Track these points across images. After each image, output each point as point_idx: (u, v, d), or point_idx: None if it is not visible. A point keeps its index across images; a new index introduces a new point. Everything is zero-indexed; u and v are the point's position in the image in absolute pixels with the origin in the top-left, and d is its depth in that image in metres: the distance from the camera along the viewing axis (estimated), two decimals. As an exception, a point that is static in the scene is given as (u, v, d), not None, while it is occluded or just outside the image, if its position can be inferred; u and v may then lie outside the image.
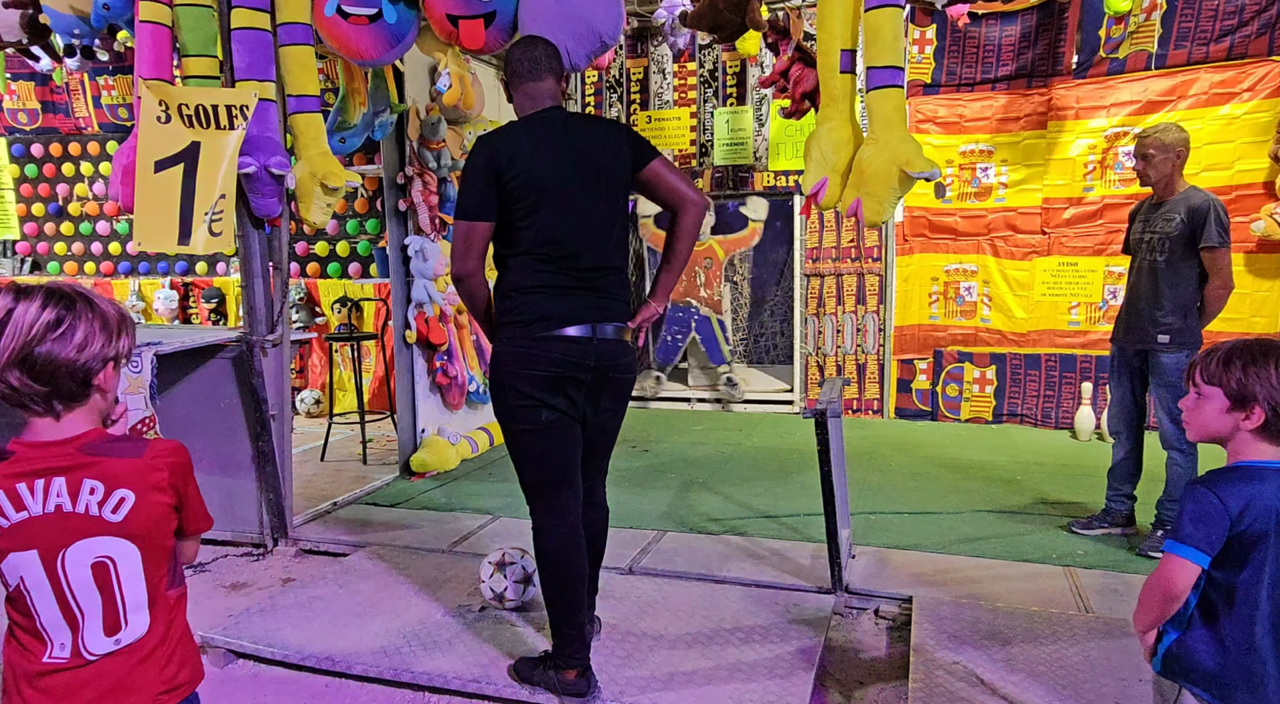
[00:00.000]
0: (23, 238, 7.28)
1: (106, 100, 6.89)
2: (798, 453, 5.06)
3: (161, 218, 3.19)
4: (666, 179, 2.32)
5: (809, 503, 3.94)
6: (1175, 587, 1.45)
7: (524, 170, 2.17)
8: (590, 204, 2.24)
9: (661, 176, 2.32)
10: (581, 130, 2.27)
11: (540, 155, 2.20)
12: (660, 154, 2.39)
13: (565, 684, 2.33)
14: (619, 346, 2.32)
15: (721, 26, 3.32)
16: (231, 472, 3.62)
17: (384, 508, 4.12)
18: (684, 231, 2.35)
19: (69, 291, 1.25)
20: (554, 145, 2.22)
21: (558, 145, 2.22)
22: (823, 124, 2.82)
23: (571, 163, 2.22)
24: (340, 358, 6.23)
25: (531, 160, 2.18)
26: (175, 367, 3.53)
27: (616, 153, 2.28)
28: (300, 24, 3.32)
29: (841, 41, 2.76)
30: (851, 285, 6.09)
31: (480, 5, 3.23)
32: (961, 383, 5.87)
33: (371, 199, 6.39)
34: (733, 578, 3.17)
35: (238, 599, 3.19)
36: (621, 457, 5.05)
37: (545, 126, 2.25)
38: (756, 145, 6.27)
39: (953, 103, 5.74)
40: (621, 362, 2.34)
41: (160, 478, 1.29)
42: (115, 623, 1.30)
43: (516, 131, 2.25)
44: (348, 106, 4.27)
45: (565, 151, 2.22)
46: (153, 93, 3.16)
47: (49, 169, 7.14)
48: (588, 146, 2.25)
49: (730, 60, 6.28)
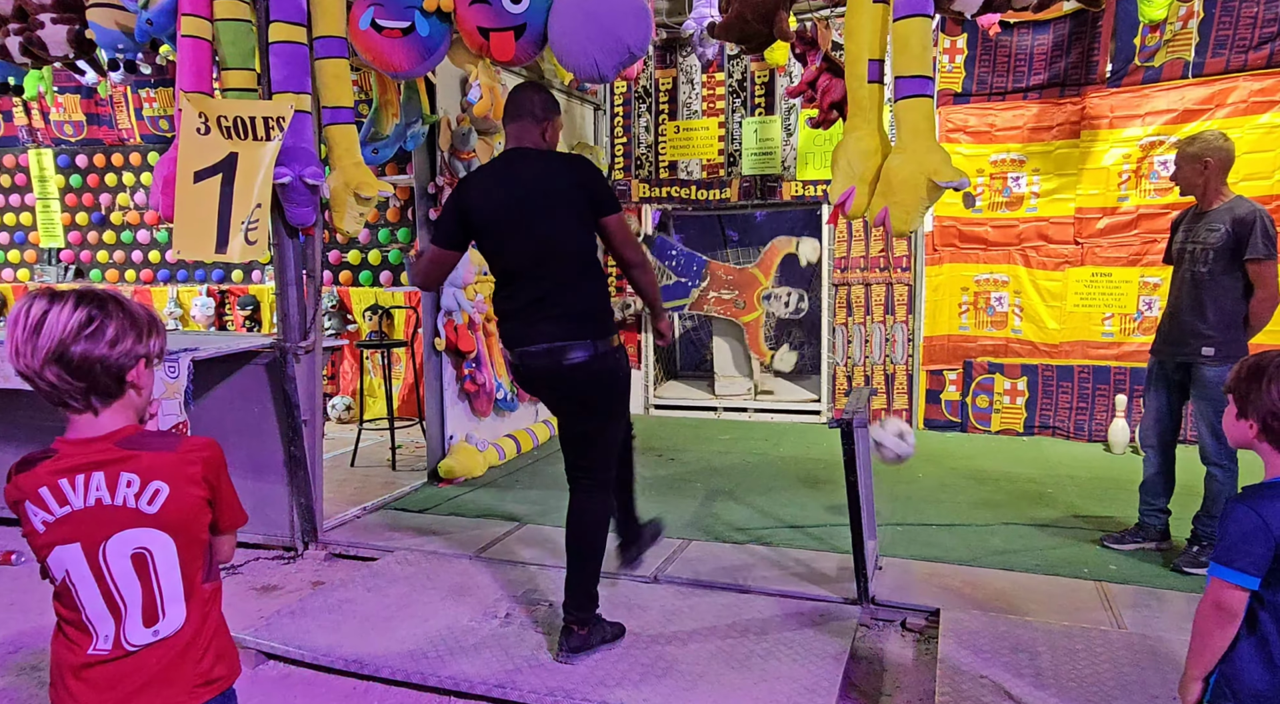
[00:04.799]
0: (67, 246, 7.48)
1: (148, 112, 7.06)
2: (824, 463, 5.03)
3: (200, 227, 3.27)
4: (613, 240, 2.60)
5: (835, 513, 3.91)
6: (1228, 613, 1.43)
7: (480, 209, 2.56)
8: (528, 235, 2.52)
9: (611, 236, 2.59)
10: (528, 168, 2.55)
11: (492, 195, 2.55)
12: (618, 210, 2.60)
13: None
14: (549, 360, 2.55)
15: (749, 37, 3.33)
16: (264, 476, 3.69)
17: (412, 513, 4.16)
18: (636, 285, 2.71)
19: (100, 293, 1.31)
20: (501, 185, 2.55)
21: (504, 185, 2.55)
22: (850, 133, 2.82)
23: (517, 200, 2.52)
24: (371, 365, 6.31)
25: (486, 200, 2.56)
26: (211, 372, 3.60)
27: (556, 183, 2.52)
28: (335, 37, 3.39)
29: (869, 51, 2.77)
30: (880, 295, 6.05)
31: (511, 18, 3.28)
32: (992, 394, 5.80)
33: (403, 208, 6.48)
34: (758, 588, 3.15)
35: (269, 601, 3.25)
36: (648, 465, 5.06)
37: (500, 167, 2.60)
38: (784, 155, 6.27)
39: (984, 112, 5.70)
40: (558, 371, 2.56)
41: (194, 471, 1.34)
42: (154, 614, 1.34)
43: (482, 172, 2.65)
44: (381, 118, 4.34)
45: (510, 190, 2.53)
46: (193, 105, 3.25)
47: (93, 179, 7.33)
48: (529, 182, 2.53)
49: (759, 70, 6.29)
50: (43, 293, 1.29)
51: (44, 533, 1.29)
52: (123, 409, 1.34)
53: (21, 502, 1.29)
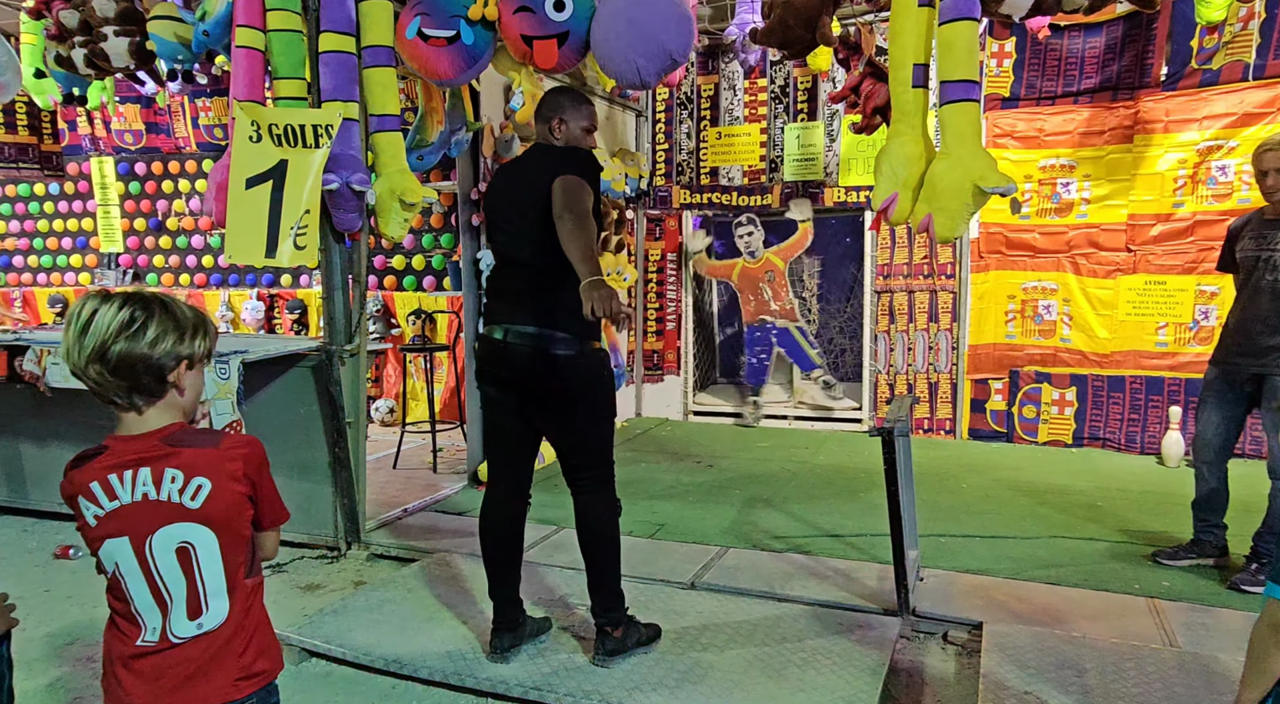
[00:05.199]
0: (125, 251, 7.73)
1: (204, 121, 7.28)
2: (865, 472, 4.97)
3: (250, 232, 3.35)
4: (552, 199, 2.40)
5: (876, 523, 3.86)
6: None
7: (487, 198, 2.75)
8: (518, 225, 2.57)
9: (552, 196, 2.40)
10: (529, 162, 2.64)
11: (496, 186, 2.72)
12: (568, 174, 2.43)
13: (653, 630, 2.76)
14: (531, 353, 2.51)
15: (792, 43, 3.32)
16: (309, 476, 3.76)
17: (452, 516, 4.21)
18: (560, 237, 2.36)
19: (146, 295, 1.36)
20: (503, 176, 2.70)
21: (505, 176, 2.69)
22: (893, 139, 2.79)
23: (510, 191, 2.62)
24: (414, 368, 6.40)
25: (491, 191, 2.74)
26: (260, 374, 3.69)
27: (544, 176, 2.47)
28: (383, 47, 3.46)
29: (914, 56, 2.74)
30: (924, 302, 5.96)
31: (554, 26, 3.31)
32: (1039, 404, 5.67)
33: (446, 214, 6.57)
34: (796, 597, 3.12)
35: (312, 599, 3.31)
36: (685, 472, 5.05)
37: (513, 161, 2.76)
38: (827, 160, 6.22)
39: (1032, 116, 5.59)
40: (535, 367, 2.51)
41: (235, 468, 1.38)
42: (197, 607, 1.37)
43: (501, 166, 2.82)
44: (426, 125, 4.41)
45: (508, 181, 2.66)
46: (246, 114, 3.34)
47: (150, 186, 7.57)
48: (524, 175, 2.60)
49: (801, 76, 6.25)
50: (95, 293, 1.34)
51: (95, 527, 1.34)
52: (167, 408, 1.38)
53: (75, 496, 1.34)
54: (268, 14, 3.32)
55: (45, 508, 4.36)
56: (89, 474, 1.34)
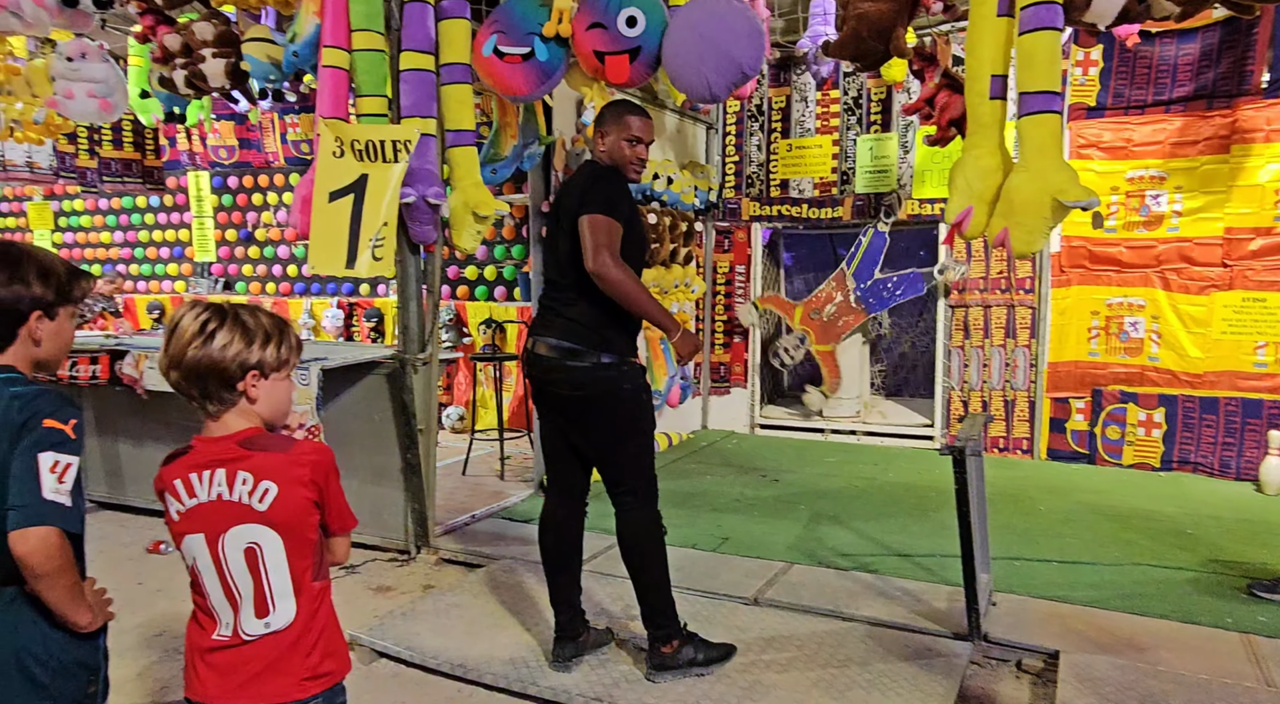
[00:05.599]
0: (217, 260, 8.13)
1: (292, 137, 7.61)
2: (936, 490, 4.84)
3: (332, 244, 3.49)
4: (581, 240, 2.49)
5: (946, 543, 3.75)
6: None
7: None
8: (555, 241, 2.66)
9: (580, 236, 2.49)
10: (572, 180, 2.70)
11: (552, 204, 2.79)
12: (592, 211, 2.48)
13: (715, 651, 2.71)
14: (543, 361, 2.61)
15: (865, 54, 3.28)
16: (382, 481, 3.87)
17: (518, 523, 4.27)
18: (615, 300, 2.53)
19: (224, 306, 1.42)
20: (556, 196, 2.75)
21: (557, 196, 2.74)
22: (969, 151, 2.73)
23: (555, 209, 2.70)
24: (483, 376, 6.53)
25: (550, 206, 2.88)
26: (338, 380, 3.82)
27: (568, 200, 2.60)
28: (460, 64, 3.56)
29: (992, 67, 2.67)
30: (1001, 317, 5.79)
31: (626, 41, 3.36)
32: (1124, 425, 5.43)
33: (518, 226, 6.70)
34: (862, 616, 3.06)
35: (383, 601, 3.40)
36: (750, 485, 5.01)
37: (564, 181, 2.91)
38: (901, 172, 6.11)
39: (1119, 126, 5.38)
40: (549, 376, 2.60)
41: (301, 473, 1.42)
42: (264, 607, 1.43)
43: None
44: (500, 139, 4.52)
45: (555, 201, 2.72)
46: (330, 130, 3.48)
47: (242, 199, 7.95)
48: (561, 195, 2.69)
49: (875, 87, 6.17)
50: (188, 303, 1.42)
51: (178, 522, 1.42)
52: (241, 414, 1.44)
53: (163, 492, 1.43)
54: (353, 35, 3.46)
55: (140, 504, 4.60)
56: (174, 472, 1.42)
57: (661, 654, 2.62)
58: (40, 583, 1.31)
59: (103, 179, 7.50)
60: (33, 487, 1.30)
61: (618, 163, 2.63)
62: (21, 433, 1.32)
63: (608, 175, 2.62)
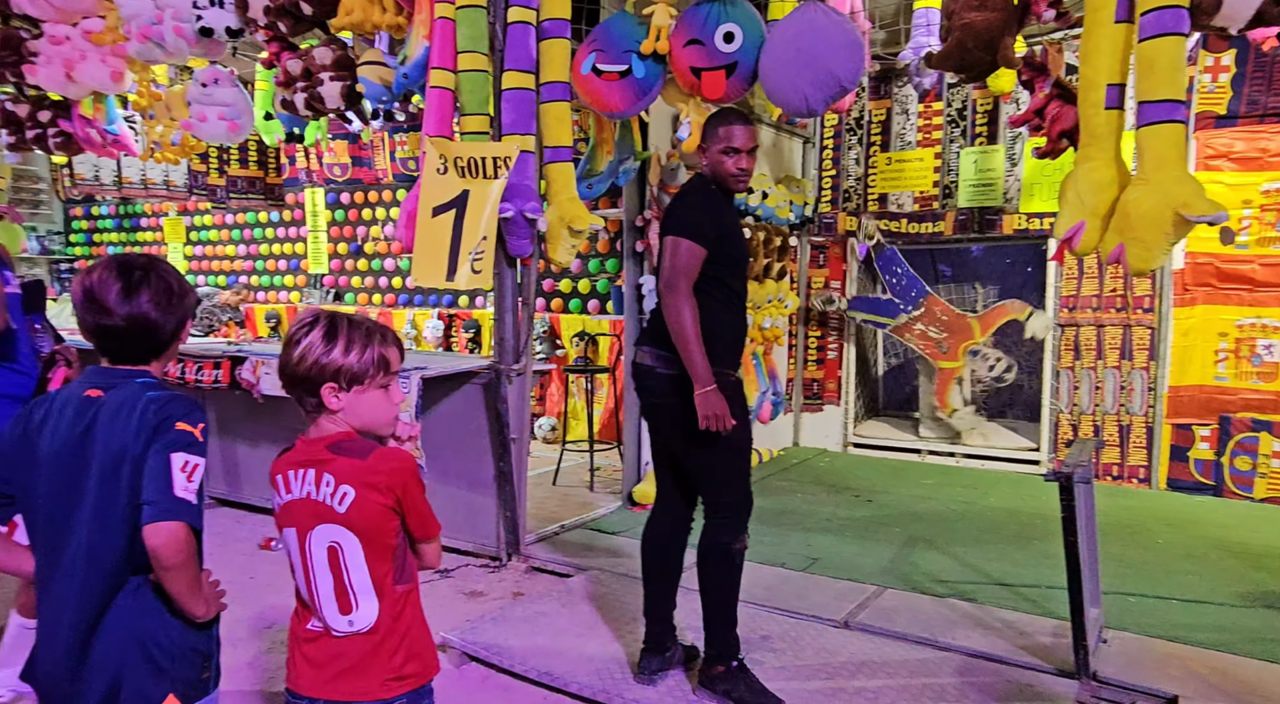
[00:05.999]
0: (329, 272, 8.56)
1: (400, 154, 7.95)
2: (1041, 518, 4.60)
3: (434, 257, 3.62)
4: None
5: (1051, 574, 3.56)
6: None
7: None
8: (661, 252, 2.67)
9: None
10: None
11: None
12: (670, 232, 2.53)
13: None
14: (639, 368, 2.68)
15: (971, 65, 3.18)
16: (476, 488, 3.98)
17: (606, 535, 4.30)
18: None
19: (319, 317, 1.49)
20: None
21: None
22: (1082, 164, 2.60)
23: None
24: (575, 388, 6.63)
25: None
26: (437, 389, 3.96)
27: (666, 215, 2.65)
28: (560, 82, 3.65)
29: (1108, 75, 2.55)
30: (1115, 338, 5.48)
31: (723, 57, 3.37)
32: (1256, 455, 5.03)
33: (612, 240, 6.78)
34: (958, 646, 2.94)
35: (474, 606, 3.48)
36: (842, 505, 4.89)
37: None
38: (1007, 186, 5.88)
39: (1254, 135, 5.02)
40: (642, 383, 2.68)
41: (378, 479, 1.48)
42: (347, 605, 1.50)
43: None
44: (596, 155, 4.59)
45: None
46: (435, 148, 3.62)
47: (353, 214, 8.36)
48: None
49: (981, 98, 5.97)
50: (301, 313, 1.52)
51: (279, 513, 1.53)
52: (333, 420, 1.51)
53: (273, 483, 1.53)
54: (459, 56, 3.60)
55: (254, 502, 4.88)
56: (280, 466, 1.53)
57: (712, 674, 2.59)
58: (166, 574, 1.41)
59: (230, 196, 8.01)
60: (165, 484, 1.39)
61: (718, 176, 2.60)
62: (156, 433, 1.43)
63: (694, 191, 2.63)
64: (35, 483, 1.47)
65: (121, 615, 1.45)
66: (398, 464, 1.50)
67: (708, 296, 2.54)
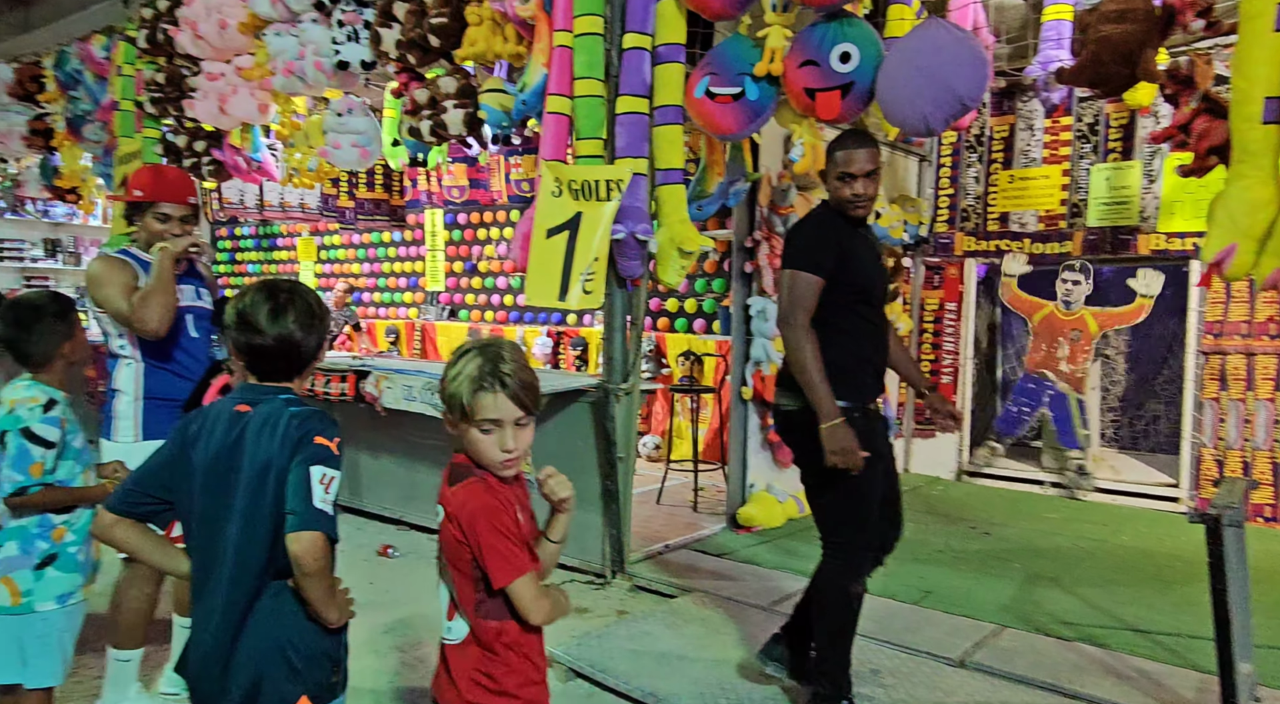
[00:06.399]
0: (445, 290, 8.92)
1: (515, 176, 8.22)
2: (1181, 560, 4.26)
3: (547, 277, 3.72)
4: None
5: (1193, 622, 3.30)
6: None
7: None
8: None
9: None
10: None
11: None
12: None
13: None
14: (777, 402, 2.65)
15: (1106, 80, 3.02)
16: (581, 505, 4.00)
17: (711, 556, 4.26)
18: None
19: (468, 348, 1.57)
20: None
21: None
22: (1234, 182, 2.43)
23: None
24: (680, 407, 6.63)
25: None
26: (546, 406, 4.03)
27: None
28: (673, 106, 3.69)
29: (1266, 87, 2.37)
30: (1270, 367, 5.04)
31: (839, 77, 3.32)
32: None
33: (720, 260, 6.77)
34: (1088, 695, 2.75)
35: (580, 622, 3.51)
36: (956, 537, 4.69)
37: None
38: (1144, 204, 5.53)
39: None
40: (776, 421, 2.69)
41: (451, 508, 1.55)
42: (451, 613, 1.60)
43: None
44: (707, 176, 4.61)
45: None
46: (550, 171, 3.72)
47: (469, 234, 8.69)
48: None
49: (1115, 112, 5.65)
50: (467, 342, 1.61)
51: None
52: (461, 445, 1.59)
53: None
54: (575, 82, 3.70)
55: (374, 510, 5.10)
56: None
57: (808, 695, 2.59)
58: (306, 581, 1.50)
59: (358, 217, 8.49)
60: (306, 495, 1.49)
61: (837, 203, 2.55)
62: (298, 447, 1.53)
63: (811, 220, 2.61)
64: (191, 491, 1.59)
65: (263, 618, 1.55)
66: (464, 497, 1.53)
67: (833, 328, 2.46)
